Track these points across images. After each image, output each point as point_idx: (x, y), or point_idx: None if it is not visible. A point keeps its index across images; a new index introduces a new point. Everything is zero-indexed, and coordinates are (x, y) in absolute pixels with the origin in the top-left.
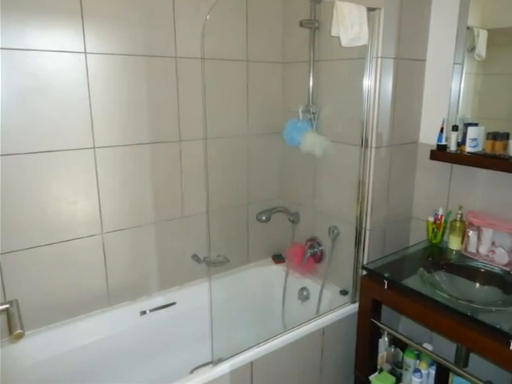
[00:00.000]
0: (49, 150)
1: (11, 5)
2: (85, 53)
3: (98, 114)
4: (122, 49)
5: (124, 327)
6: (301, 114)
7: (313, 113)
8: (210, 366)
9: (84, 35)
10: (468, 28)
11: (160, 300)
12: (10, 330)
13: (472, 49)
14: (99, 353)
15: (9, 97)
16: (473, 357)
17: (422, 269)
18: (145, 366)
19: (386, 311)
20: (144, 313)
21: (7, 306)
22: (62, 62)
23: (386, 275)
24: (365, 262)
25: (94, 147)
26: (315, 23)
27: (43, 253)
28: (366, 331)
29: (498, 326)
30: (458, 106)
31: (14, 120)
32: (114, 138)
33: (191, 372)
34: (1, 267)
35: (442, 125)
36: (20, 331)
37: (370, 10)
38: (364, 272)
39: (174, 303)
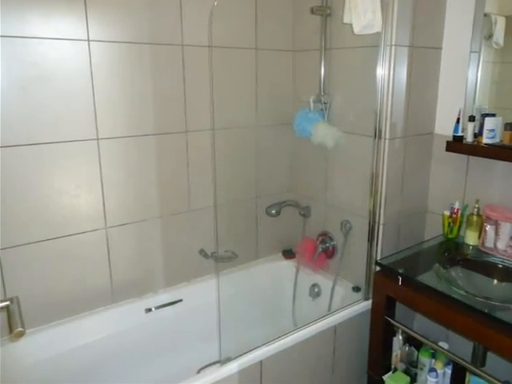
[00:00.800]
0: (50, 141)
1: None
2: (88, 40)
3: (101, 104)
4: (126, 36)
5: (128, 325)
6: (312, 104)
7: (324, 103)
8: (218, 365)
9: (87, 22)
10: (485, 15)
11: (166, 297)
12: (11, 328)
13: (489, 36)
14: (103, 351)
15: (9, 86)
16: (490, 356)
17: (437, 264)
18: (150, 365)
19: (400, 308)
20: (149, 310)
21: (7, 303)
22: (64, 50)
23: (401, 271)
24: (378, 258)
25: (98, 138)
26: (327, 10)
27: (44, 248)
28: (380, 329)
29: None
30: (474, 95)
31: (15, 110)
32: (118, 129)
33: (198, 372)
34: (1, 263)
35: (459, 115)
36: (21, 329)
37: None
38: (377, 268)
39: (180, 300)
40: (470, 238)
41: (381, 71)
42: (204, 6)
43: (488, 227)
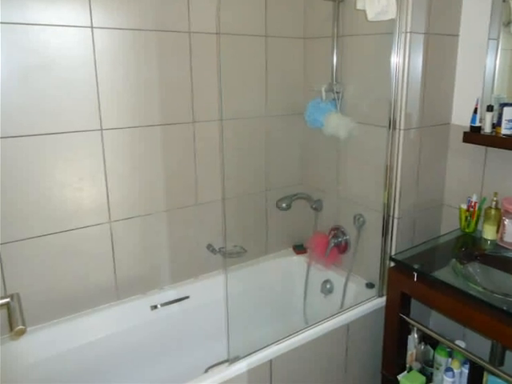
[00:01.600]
0: (52, 132)
1: None
2: (91, 27)
3: (105, 94)
4: (131, 23)
5: (133, 323)
6: (324, 94)
7: (337, 92)
8: (226, 364)
9: (90, 8)
10: (504, 1)
11: (172, 294)
12: (11, 326)
13: (508, 23)
14: (106, 350)
15: (9, 75)
16: (509, 355)
17: (454, 260)
18: (156, 364)
19: (415, 306)
20: (155, 307)
21: (8, 300)
22: (67, 38)
23: (416, 267)
24: (393, 253)
25: (102, 129)
26: None
27: (46, 243)
28: (394, 327)
29: None
30: (493, 84)
31: (15, 100)
32: (123, 120)
33: (206, 371)
34: (1, 258)
35: (476, 105)
36: (21, 327)
37: None
38: (392, 263)
39: (187, 297)
40: (488, 232)
41: (395, 59)
42: None
43: (506, 221)
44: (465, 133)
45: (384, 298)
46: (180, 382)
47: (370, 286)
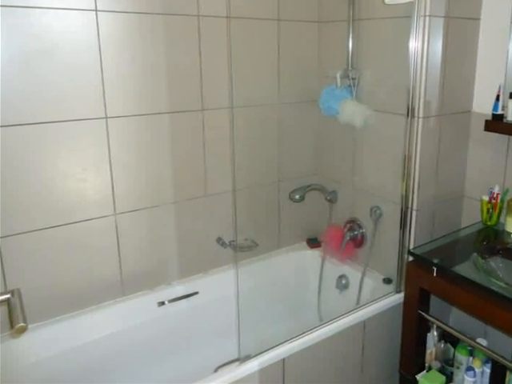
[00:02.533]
0: (55, 120)
1: None
2: (95, 10)
3: (110, 80)
4: (137, 6)
5: (140, 320)
6: (339, 80)
7: (352, 78)
8: (237, 363)
9: None
10: None
11: (180, 289)
12: (12, 323)
13: None
14: (111, 349)
15: (10, 61)
16: None
17: (475, 254)
18: (163, 363)
19: (434, 302)
20: (162, 303)
21: (8, 295)
22: (70, 21)
23: (435, 261)
24: (411, 247)
25: (106, 117)
26: None
27: (48, 236)
28: (413, 324)
29: None
30: None
31: (16, 87)
32: (129, 107)
33: (216, 370)
34: (1, 252)
35: (498, 92)
36: (22, 324)
37: None
38: (410, 258)
39: (196, 293)
40: (511, 225)
41: (414, 44)
42: None
43: None
44: (486, 121)
45: (402, 294)
46: (189, 382)
47: (387, 281)
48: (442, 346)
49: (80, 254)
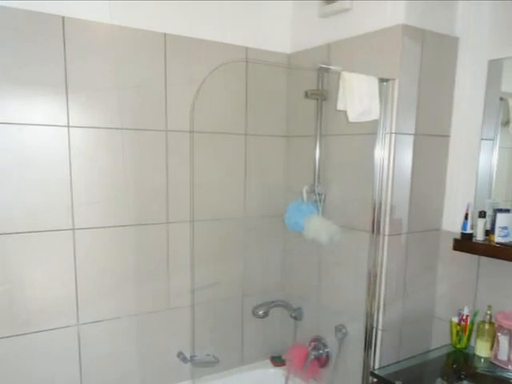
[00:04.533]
0: (25, 230)
1: None
2: (68, 126)
3: (78, 193)
4: (108, 122)
5: None
6: (305, 195)
7: (319, 193)
8: None
9: (68, 108)
10: (501, 99)
11: None
12: None
13: (507, 123)
14: None
15: None
16: None
17: (440, 379)
18: None
19: None
20: None
21: None
22: (44, 137)
23: None
24: (376, 367)
25: (74, 228)
26: (322, 94)
27: (10, 344)
28: None
29: None
30: (490, 187)
31: None
32: (96, 219)
33: None
34: None
35: (467, 210)
36: None
37: (382, 80)
38: (374, 379)
39: None
40: (481, 348)
41: (380, 161)
42: (189, 90)
43: (501, 337)
44: (455, 240)
45: None
46: None
47: None
48: None
49: (42, 364)
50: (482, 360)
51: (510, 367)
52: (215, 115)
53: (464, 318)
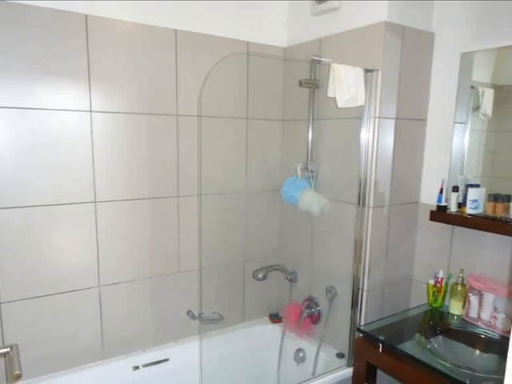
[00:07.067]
0: (53, 203)
1: (22, 67)
2: (90, 111)
3: (99, 170)
4: (126, 107)
5: (116, 382)
6: (299, 172)
7: (311, 171)
8: None
9: (90, 95)
10: (472, 87)
11: (153, 355)
12: (9, 373)
13: (477, 108)
14: None
15: (18, 152)
16: None
17: (418, 334)
18: None
19: (386, 378)
20: (137, 368)
21: (8, 349)
22: (69, 121)
23: (381, 338)
24: (361, 324)
25: (95, 201)
26: (314, 83)
27: (41, 303)
28: None
29: None
30: (462, 165)
31: (22, 174)
32: (115, 193)
33: None
34: (2, 315)
35: (442, 185)
36: (18, 372)
37: (367, 71)
38: (360, 334)
39: (166, 359)
40: (455, 307)
41: (365, 141)
42: (197, 80)
43: (472, 297)
44: (431, 211)
45: (352, 368)
46: None
47: (340, 355)
48: None
49: (67, 320)
50: (455, 317)
51: (479, 323)
52: (220, 101)
53: (439, 280)
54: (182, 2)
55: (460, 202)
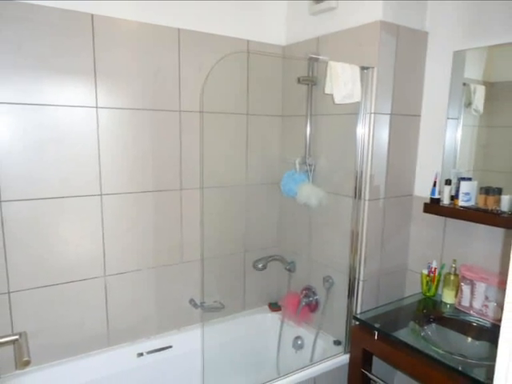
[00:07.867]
0: (60, 196)
1: (31, 65)
2: (96, 107)
3: (105, 164)
4: (131, 103)
5: (121, 368)
6: (298, 166)
7: (309, 164)
8: None
9: (96, 92)
10: (464, 84)
11: (157, 343)
12: (19, 359)
13: (469, 104)
14: None
15: (26, 147)
16: None
17: (412, 322)
18: None
19: (381, 365)
20: (141, 355)
21: (17, 336)
22: (76, 116)
23: (376, 326)
24: (358, 313)
25: (101, 194)
26: (312, 80)
27: (48, 292)
28: (357, 382)
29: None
30: (455, 159)
31: (31, 168)
32: (120, 186)
33: None
34: (11, 304)
35: (435, 178)
36: (27, 359)
37: (363, 68)
38: (356, 322)
39: (170, 346)
40: (448, 296)
41: (361, 136)
42: (200, 76)
43: (464, 286)
44: (425, 204)
45: (349, 355)
46: None
47: (337, 343)
48: None
49: (74, 309)
50: (448, 306)
51: (471, 312)
52: (221, 98)
53: (433, 270)
54: (185, 2)
55: (453, 194)
